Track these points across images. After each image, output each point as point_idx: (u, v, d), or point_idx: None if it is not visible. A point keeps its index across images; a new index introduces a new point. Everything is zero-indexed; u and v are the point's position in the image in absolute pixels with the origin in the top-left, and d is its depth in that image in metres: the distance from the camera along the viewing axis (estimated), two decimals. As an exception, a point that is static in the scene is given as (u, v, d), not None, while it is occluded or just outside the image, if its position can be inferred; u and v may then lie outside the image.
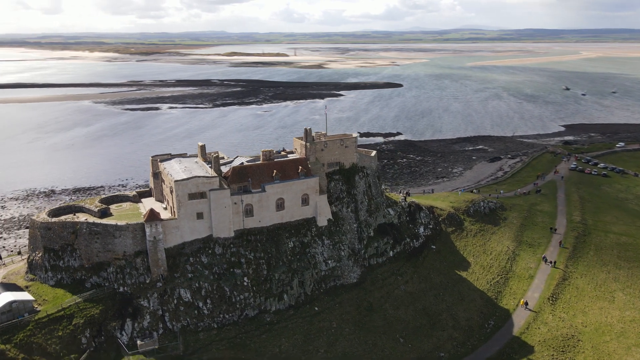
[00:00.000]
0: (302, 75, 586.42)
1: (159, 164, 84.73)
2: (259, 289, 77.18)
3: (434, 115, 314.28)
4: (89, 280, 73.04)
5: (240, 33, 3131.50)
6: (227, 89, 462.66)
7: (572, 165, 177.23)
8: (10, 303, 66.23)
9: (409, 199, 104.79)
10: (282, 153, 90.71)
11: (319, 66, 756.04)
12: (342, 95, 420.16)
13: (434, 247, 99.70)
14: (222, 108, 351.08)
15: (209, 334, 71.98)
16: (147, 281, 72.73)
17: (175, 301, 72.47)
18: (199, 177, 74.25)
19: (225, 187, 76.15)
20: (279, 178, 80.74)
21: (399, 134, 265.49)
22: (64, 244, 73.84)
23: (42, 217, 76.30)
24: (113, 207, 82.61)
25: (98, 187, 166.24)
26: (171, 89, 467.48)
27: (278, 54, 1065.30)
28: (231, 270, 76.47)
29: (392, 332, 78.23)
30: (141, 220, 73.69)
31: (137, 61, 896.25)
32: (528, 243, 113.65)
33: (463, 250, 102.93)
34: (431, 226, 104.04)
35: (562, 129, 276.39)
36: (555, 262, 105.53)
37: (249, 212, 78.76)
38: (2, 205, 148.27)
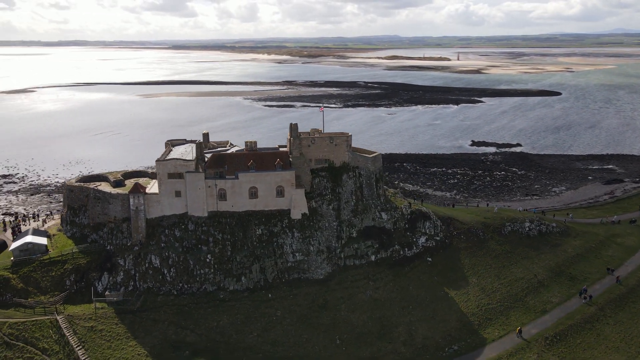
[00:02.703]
0: (448, 81, 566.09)
1: (170, 147, 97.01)
2: (220, 267, 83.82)
3: (572, 130, 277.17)
4: (90, 236, 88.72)
5: (412, 37, 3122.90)
6: (367, 91, 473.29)
7: None
8: (27, 244, 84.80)
9: (415, 206, 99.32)
10: (277, 147, 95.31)
11: (477, 71, 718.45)
12: (480, 102, 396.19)
13: (430, 259, 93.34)
14: (349, 108, 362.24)
15: (166, 298, 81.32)
16: (128, 244, 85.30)
17: (146, 265, 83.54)
18: (177, 159, 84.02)
19: (201, 170, 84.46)
20: (254, 168, 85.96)
21: (517, 145, 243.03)
22: (80, 204, 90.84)
23: (72, 181, 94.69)
24: (130, 181, 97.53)
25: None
26: (316, 89, 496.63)
27: (440, 58, 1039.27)
28: (199, 246, 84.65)
29: (333, 332, 77.43)
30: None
31: (302, 63, 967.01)
32: (571, 276, 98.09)
33: (469, 269, 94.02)
34: (438, 238, 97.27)
35: None
36: (591, 297, 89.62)
37: (222, 196, 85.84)
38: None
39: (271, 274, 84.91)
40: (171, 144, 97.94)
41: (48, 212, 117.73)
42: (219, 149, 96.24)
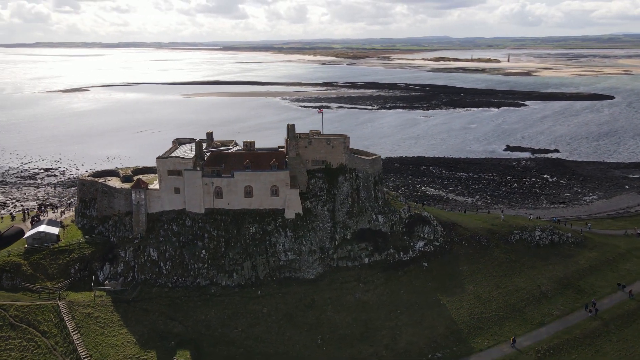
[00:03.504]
0: (492, 83, 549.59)
1: (177, 145, 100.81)
2: (213, 263, 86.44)
3: (618, 137, 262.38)
4: (97, 228, 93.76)
5: (463, 38, 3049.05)
6: (406, 93, 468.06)
7: None
8: (39, 233, 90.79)
9: (414, 210, 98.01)
10: (277, 147, 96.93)
11: (526, 73, 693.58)
12: (524, 105, 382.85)
13: (426, 264, 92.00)
14: (384, 110, 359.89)
15: (161, 290, 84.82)
16: (130, 237, 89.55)
17: (145, 257, 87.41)
18: (176, 157, 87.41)
19: (198, 169, 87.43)
20: (249, 167, 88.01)
21: (554, 151, 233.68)
22: (90, 198, 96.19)
23: (84, 175, 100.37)
24: (140, 177, 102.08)
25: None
26: (355, 90, 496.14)
27: (489, 60, 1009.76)
28: (194, 242, 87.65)
29: (316, 332, 78.10)
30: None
31: (346, 64, 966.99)
32: (578, 289, 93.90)
33: (467, 276, 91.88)
34: (437, 243, 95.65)
35: None
36: (597, 311, 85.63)
37: (218, 194, 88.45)
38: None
39: (262, 271, 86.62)
40: (178, 142, 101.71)
41: (67, 204, 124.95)
42: (222, 148, 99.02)
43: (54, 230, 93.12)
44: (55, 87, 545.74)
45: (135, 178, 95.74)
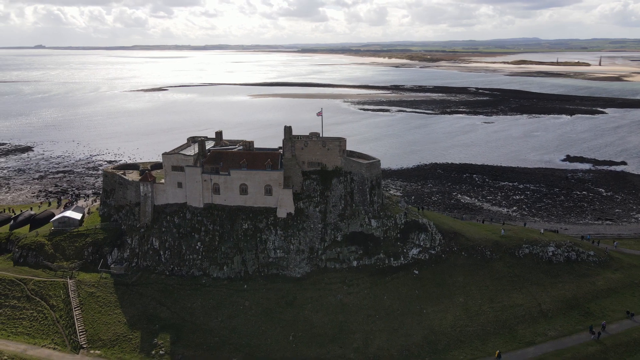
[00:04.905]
0: (571, 89, 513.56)
1: (191, 142, 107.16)
2: (207, 255, 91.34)
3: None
4: (113, 216, 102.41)
5: (555, 40, 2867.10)
6: (474, 98, 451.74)
7: None
8: (64, 217, 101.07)
9: (412, 216, 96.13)
10: (278, 148, 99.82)
11: (616, 79, 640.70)
12: (602, 113, 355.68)
13: (417, 272, 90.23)
14: (444, 115, 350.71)
15: (158, 277, 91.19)
16: (137, 226, 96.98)
17: (148, 245, 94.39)
18: (179, 153, 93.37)
19: (198, 165, 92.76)
20: (245, 166, 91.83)
21: (621, 163, 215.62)
22: (111, 188, 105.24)
23: (108, 168, 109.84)
24: (158, 171, 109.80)
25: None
26: (421, 94, 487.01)
27: (577, 63, 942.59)
28: (192, 234, 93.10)
29: (290, 329, 79.86)
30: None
31: (419, 67, 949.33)
32: (587, 311, 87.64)
33: (460, 287, 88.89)
34: (433, 251, 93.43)
35: None
36: (599, 334, 79.67)
37: (216, 190, 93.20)
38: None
39: (252, 266, 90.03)
40: (192, 140, 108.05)
41: (97, 193, 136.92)
42: (230, 146, 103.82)
43: (77, 215, 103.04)
44: (139, 87, 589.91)
45: (155, 172, 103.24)
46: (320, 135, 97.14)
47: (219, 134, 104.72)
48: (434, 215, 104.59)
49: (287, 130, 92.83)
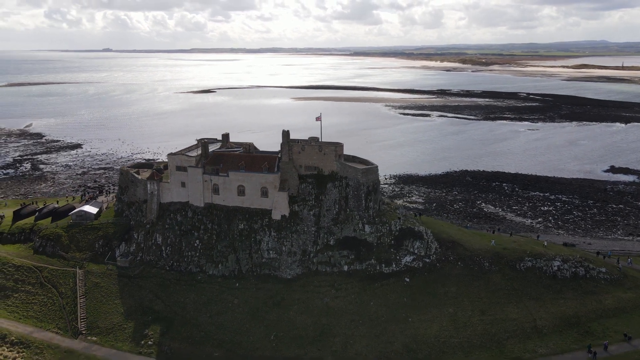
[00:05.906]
0: (630, 95, 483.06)
1: (199, 144, 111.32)
2: (204, 253, 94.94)
3: None
4: (125, 212, 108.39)
5: (624, 42, 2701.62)
6: (522, 104, 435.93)
7: None
8: (81, 211, 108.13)
9: (408, 223, 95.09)
10: (278, 151, 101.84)
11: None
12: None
13: (408, 280, 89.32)
14: (486, 121, 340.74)
15: (159, 272, 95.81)
16: (144, 221, 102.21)
17: (152, 241, 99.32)
18: (182, 154, 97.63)
19: (199, 167, 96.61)
20: (243, 168, 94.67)
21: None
22: (125, 185, 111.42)
23: (124, 166, 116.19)
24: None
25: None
26: (466, 99, 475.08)
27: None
28: (192, 232, 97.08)
29: (273, 328, 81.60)
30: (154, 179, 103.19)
31: (471, 71, 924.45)
32: (587, 330, 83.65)
33: (451, 298, 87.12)
34: (428, 260, 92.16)
35: None
36: (595, 354, 76.13)
37: (216, 190, 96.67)
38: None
39: (245, 265, 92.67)
40: (201, 141, 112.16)
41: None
42: (234, 149, 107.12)
43: (94, 210, 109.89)
44: (191, 88, 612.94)
45: (167, 171, 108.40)
46: (320, 140, 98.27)
47: (225, 137, 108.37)
48: (434, 223, 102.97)
49: (285, 134, 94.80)
